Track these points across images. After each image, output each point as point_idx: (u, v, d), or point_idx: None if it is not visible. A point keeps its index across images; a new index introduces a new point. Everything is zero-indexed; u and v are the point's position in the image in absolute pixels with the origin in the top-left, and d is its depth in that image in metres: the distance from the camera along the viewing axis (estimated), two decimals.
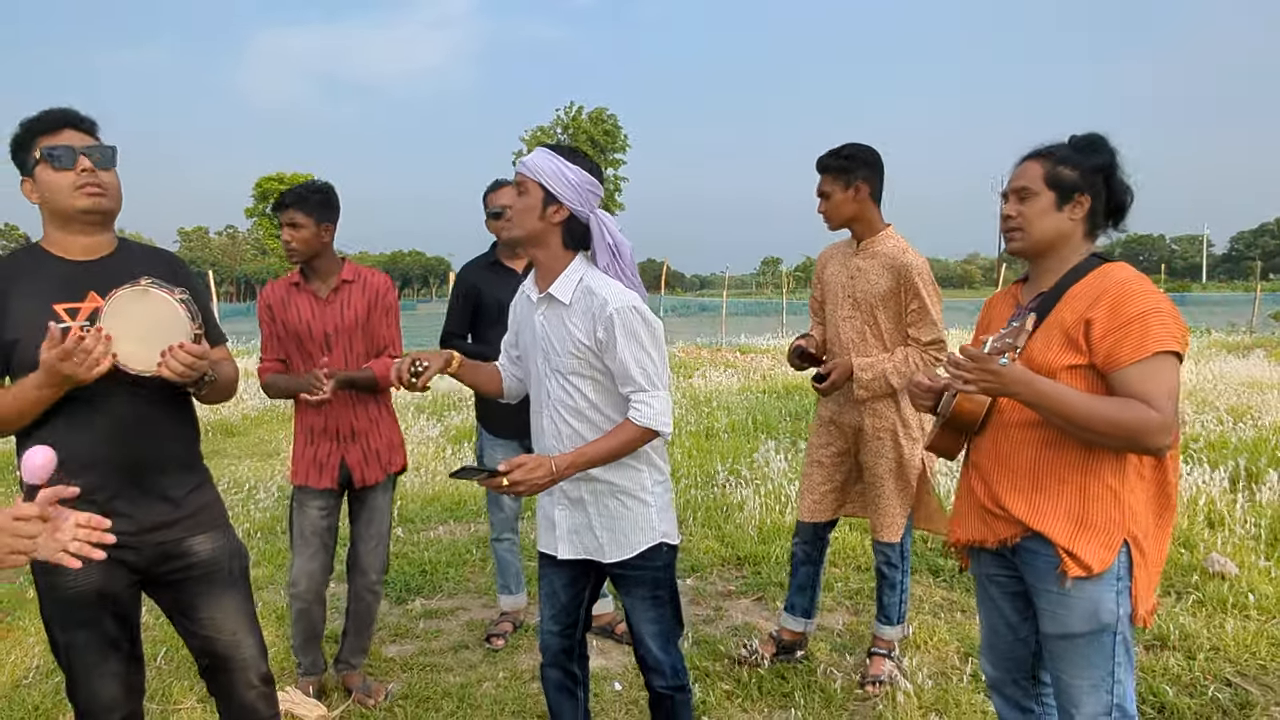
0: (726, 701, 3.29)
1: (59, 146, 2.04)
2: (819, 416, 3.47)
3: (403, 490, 6.48)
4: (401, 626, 4.07)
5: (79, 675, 2.13)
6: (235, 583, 2.28)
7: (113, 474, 2.08)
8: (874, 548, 3.46)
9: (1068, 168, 2.07)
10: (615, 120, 58.73)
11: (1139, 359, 1.89)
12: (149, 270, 2.11)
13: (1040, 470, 2.05)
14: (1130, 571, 1.99)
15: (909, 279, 3.19)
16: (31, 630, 3.98)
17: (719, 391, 11.22)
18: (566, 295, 2.27)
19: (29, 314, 2.04)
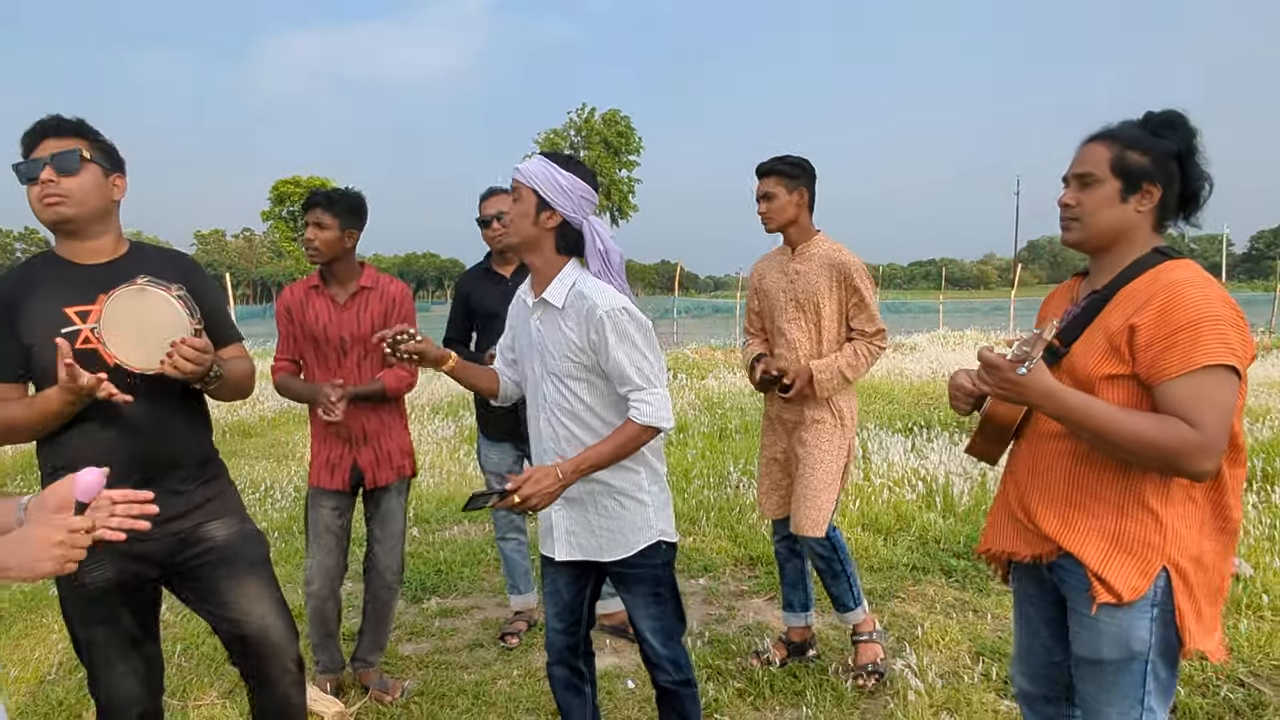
0: (738, 700, 3.31)
1: (25, 162, 2.09)
2: (766, 415, 3.58)
3: (417, 491, 6.54)
4: (417, 625, 4.12)
5: (99, 671, 2.18)
6: (255, 567, 2.31)
7: (127, 471, 2.10)
8: (806, 545, 3.43)
9: (1138, 152, 1.85)
10: (628, 122, 58.79)
11: (1185, 372, 1.70)
12: (159, 272, 2.15)
13: (1076, 485, 1.90)
14: (1171, 599, 1.81)
15: (847, 276, 3.34)
16: (55, 628, 4.05)
17: (732, 393, 11.23)
18: (559, 299, 2.31)
19: (42, 318, 2.09)
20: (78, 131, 2.14)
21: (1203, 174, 1.88)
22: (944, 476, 5.99)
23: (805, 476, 3.35)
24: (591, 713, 2.63)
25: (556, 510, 2.42)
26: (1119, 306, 1.83)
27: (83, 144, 2.12)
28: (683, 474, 6.75)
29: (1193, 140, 1.87)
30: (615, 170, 57.80)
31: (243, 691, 3.39)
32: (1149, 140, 1.86)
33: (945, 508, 5.52)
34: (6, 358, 2.10)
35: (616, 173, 57.87)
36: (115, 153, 2.23)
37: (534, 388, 2.43)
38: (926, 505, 5.59)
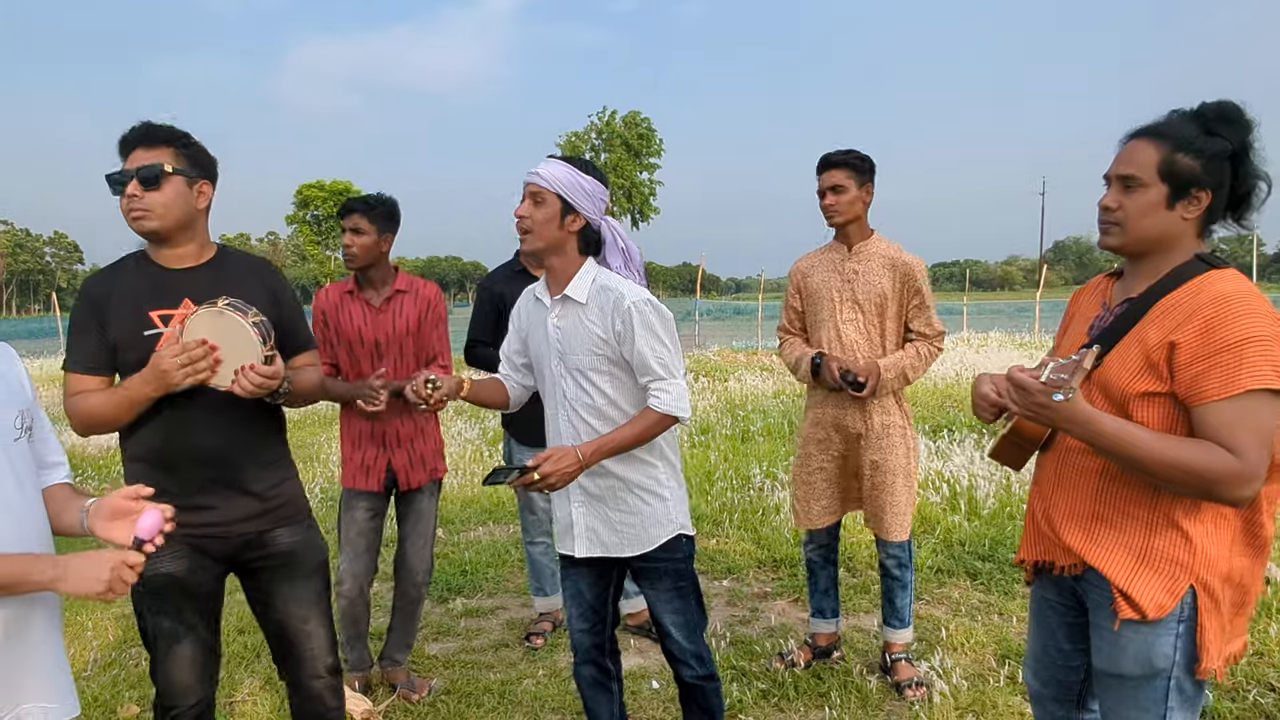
0: (762, 700, 3.32)
1: (115, 172, 2.17)
2: (817, 422, 3.43)
3: (442, 492, 6.59)
4: (443, 625, 4.16)
5: (160, 658, 2.27)
6: (310, 575, 2.39)
7: (200, 471, 2.22)
8: (882, 550, 3.44)
9: (1189, 155, 1.71)
10: (649, 124, 58.79)
11: (1228, 395, 1.60)
12: (241, 278, 2.26)
13: (1103, 501, 1.83)
14: (1195, 617, 1.74)
15: (911, 277, 3.30)
16: (89, 626, 4.13)
17: (754, 395, 11.23)
18: (582, 295, 2.36)
19: (128, 318, 2.19)
20: (167, 140, 2.19)
21: (1258, 173, 1.75)
22: (968, 479, 5.96)
23: (888, 483, 3.32)
24: (619, 710, 2.65)
25: (576, 507, 2.45)
26: (1158, 320, 1.73)
27: (169, 154, 2.18)
28: (705, 476, 6.76)
29: (1249, 136, 1.73)
30: (636, 172, 57.80)
31: (275, 687, 3.45)
32: (1202, 141, 1.72)
33: (970, 511, 5.49)
34: (94, 352, 2.19)
35: (637, 175, 57.87)
36: (203, 157, 2.26)
37: (552, 387, 2.45)
38: (951, 508, 5.57)
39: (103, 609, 4.35)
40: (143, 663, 3.75)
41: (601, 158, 56.90)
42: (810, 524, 3.48)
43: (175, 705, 2.27)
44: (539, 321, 2.46)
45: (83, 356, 2.19)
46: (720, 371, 13.98)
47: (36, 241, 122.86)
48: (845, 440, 3.39)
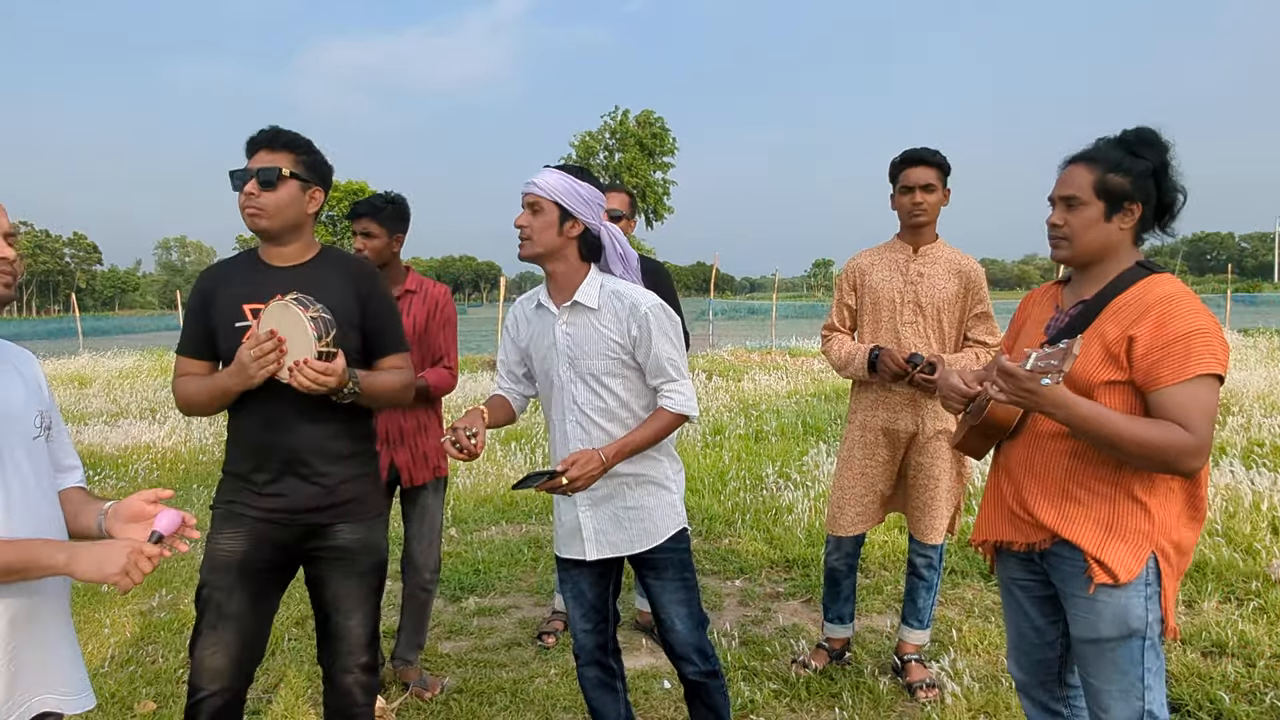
0: (774, 701, 3.32)
1: (238, 170, 2.30)
2: (865, 426, 3.36)
3: (455, 491, 6.62)
4: (456, 624, 4.18)
5: (199, 638, 2.31)
6: (363, 574, 2.44)
7: (273, 459, 2.31)
8: (914, 549, 3.43)
9: (1118, 175, 1.99)
10: (662, 123, 58.75)
11: (1180, 380, 1.86)
12: (331, 279, 2.35)
13: (1071, 480, 2.03)
14: (1159, 580, 1.98)
15: (976, 284, 3.30)
16: (105, 622, 4.17)
17: (768, 395, 11.21)
18: (594, 301, 2.40)
19: (225, 310, 2.33)
20: (289, 145, 2.33)
21: (1177, 187, 2.02)
22: (982, 480, 5.93)
23: (930, 488, 3.30)
24: (625, 710, 2.66)
25: (583, 511, 2.47)
26: (1113, 317, 1.98)
27: (289, 159, 2.31)
28: (719, 476, 6.76)
29: (1167, 156, 2.00)
30: (650, 172, 57.79)
31: (301, 682, 3.47)
32: (1128, 161, 1.99)
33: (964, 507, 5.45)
34: (199, 338, 2.37)
35: (651, 174, 57.86)
36: (322, 166, 2.40)
37: (559, 393, 2.46)
38: (965, 508, 5.53)
39: (120, 605, 4.40)
40: (160, 660, 3.79)
41: (615, 157, 56.93)
42: (839, 531, 3.42)
43: (202, 688, 2.28)
44: (544, 329, 2.47)
45: (188, 341, 2.39)
46: (734, 371, 13.96)
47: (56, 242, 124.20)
48: (892, 445, 3.35)
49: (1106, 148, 2.05)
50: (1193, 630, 3.70)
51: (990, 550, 2.30)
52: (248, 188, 2.27)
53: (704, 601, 4.37)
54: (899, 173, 3.29)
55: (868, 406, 3.37)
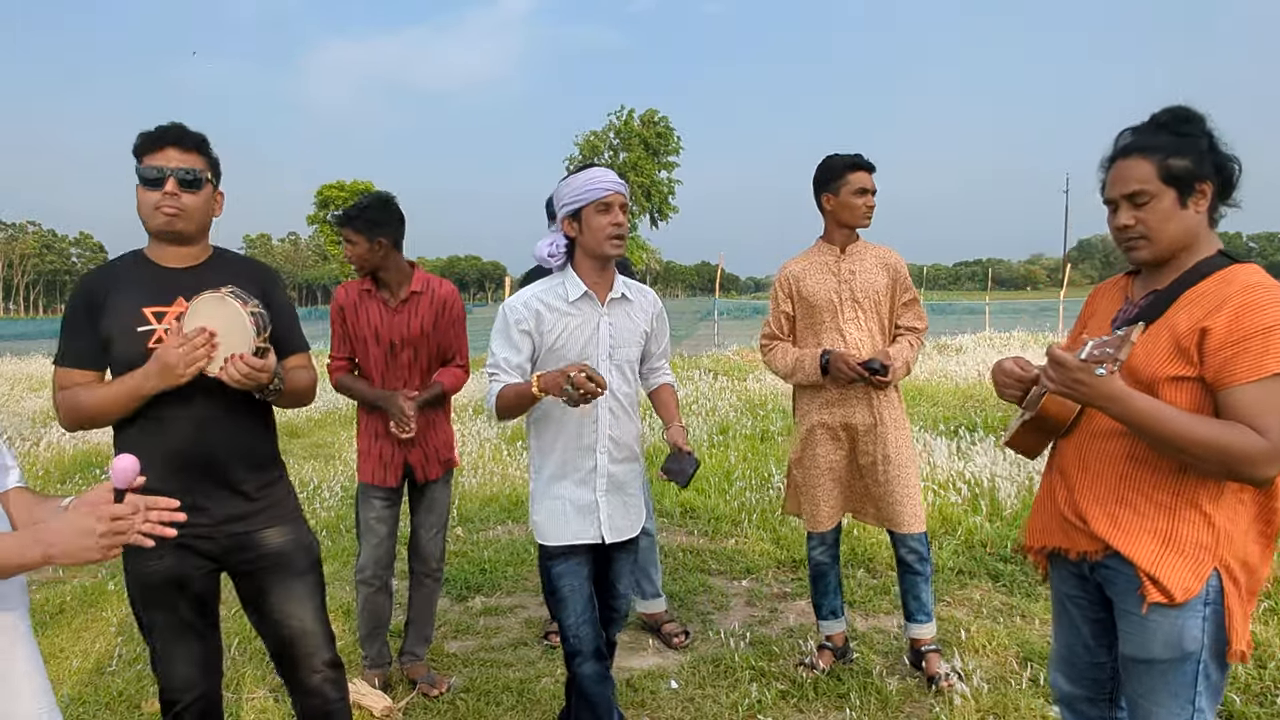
0: (781, 701, 3.30)
1: (152, 166, 2.18)
2: (822, 424, 3.40)
3: (462, 490, 6.62)
4: (462, 623, 4.17)
5: (159, 654, 2.29)
6: (303, 574, 2.39)
7: (190, 469, 2.20)
8: (903, 545, 3.40)
9: (1179, 158, 1.82)
10: (667, 122, 58.61)
11: (1255, 379, 1.69)
12: (236, 278, 2.24)
13: (1128, 485, 1.87)
14: (1222, 599, 1.79)
15: (902, 274, 3.43)
16: (113, 621, 4.18)
17: (773, 394, 11.18)
18: (631, 294, 2.66)
19: (121, 315, 2.19)
20: (198, 145, 2.24)
21: (1230, 155, 1.86)
22: (990, 479, 5.91)
23: (899, 476, 3.33)
24: (613, 690, 2.65)
25: (601, 495, 2.59)
26: (1187, 308, 1.81)
27: (200, 160, 2.23)
28: (724, 476, 6.75)
29: (1208, 128, 1.86)
30: (655, 171, 57.67)
31: None
32: (1181, 142, 1.84)
33: (991, 511, 5.44)
34: (87, 347, 2.20)
35: (656, 174, 57.75)
36: (219, 166, 2.33)
37: None
38: (972, 509, 5.52)
39: (126, 603, 4.38)
40: None
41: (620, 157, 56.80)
42: (819, 526, 3.46)
43: (179, 700, 2.28)
44: (584, 322, 2.55)
45: (75, 351, 2.21)
46: (739, 370, 13.93)
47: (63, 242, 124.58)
48: (852, 437, 3.40)
49: (1150, 135, 1.88)
50: None
51: (1043, 558, 2.14)
52: (167, 187, 2.17)
53: (711, 601, 4.37)
54: (845, 175, 3.33)
55: (822, 406, 3.42)
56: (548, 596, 2.64)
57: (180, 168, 2.19)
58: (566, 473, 2.58)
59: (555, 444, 2.58)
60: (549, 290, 2.57)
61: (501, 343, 2.57)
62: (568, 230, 2.56)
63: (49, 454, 8.20)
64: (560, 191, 2.55)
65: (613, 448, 2.59)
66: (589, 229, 2.51)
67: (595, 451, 2.58)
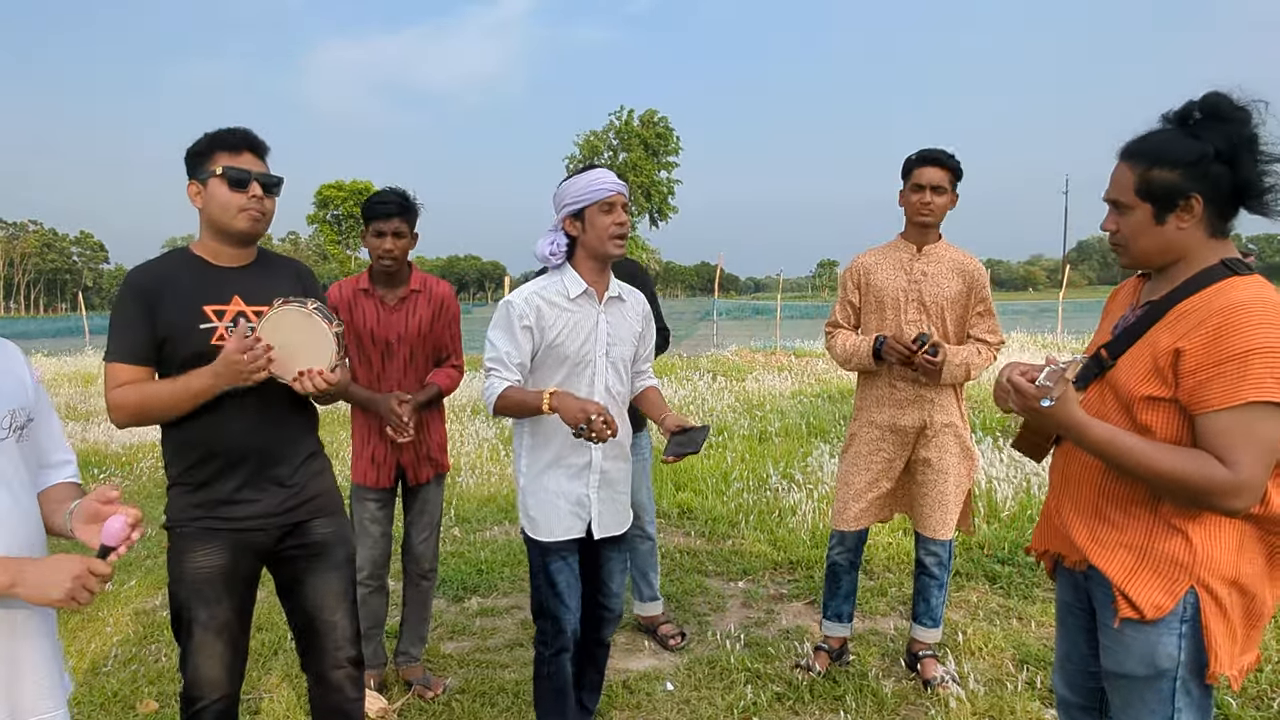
0: (777, 703, 3.30)
1: (239, 169, 2.23)
2: (871, 423, 3.39)
3: (459, 490, 6.61)
4: (458, 624, 4.17)
5: (191, 652, 2.28)
6: (340, 566, 2.45)
7: (244, 463, 2.28)
8: (924, 548, 3.41)
9: (1164, 169, 1.71)
10: (667, 122, 58.60)
11: (1228, 406, 1.61)
12: (282, 275, 2.40)
13: (1105, 499, 1.85)
14: (1199, 619, 1.74)
15: (979, 283, 3.34)
16: (109, 621, 4.17)
17: (772, 395, 11.18)
18: (624, 294, 2.71)
19: (181, 312, 2.23)
20: (265, 153, 2.33)
21: (1259, 163, 1.68)
22: (987, 481, 5.91)
23: (938, 482, 3.31)
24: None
25: (594, 490, 2.64)
26: (1171, 325, 1.73)
27: (266, 166, 2.32)
28: (722, 477, 6.74)
29: (1242, 130, 1.68)
30: (655, 171, 57.67)
31: (293, 683, 3.46)
32: (1178, 149, 1.71)
33: (990, 513, 5.43)
34: (141, 344, 2.22)
35: (656, 174, 57.73)
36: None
37: (591, 381, 2.61)
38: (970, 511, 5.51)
39: (123, 604, 4.39)
40: (163, 659, 3.78)
41: (620, 157, 56.79)
42: (844, 525, 3.43)
43: (202, 698, 2.29)
44: (583, 319, 2.59)
45: (131, 347, 2.21)
46: (738, 371, 13.93)
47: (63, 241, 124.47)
48: (899, 441, 3.36)
49: (1158, 134, 1.77)
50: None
51: (1050, 561, 2.11)
52: (252, 190, 2.24)
53: (707, 603, 4.36)
54: (912, 170, 3.30)
55: (874, 404, 3.39)
56: (544, 589, 2.65)
57: (264, 172, 2.28)
58: (560, 464, 2.61)
59: (554, 436, 2.59)
60: (548, 287, 2.59)
61: (504, 338, 2.56)
62: (569, 229, 2.58)
63: None
64: (563, 192, 2.57)
65: (608, 444, 2.58)
66: (593, 228, 2.54)
67: (590, 446, 2.60)
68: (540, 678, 2.72)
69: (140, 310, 2.21)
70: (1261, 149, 1.69)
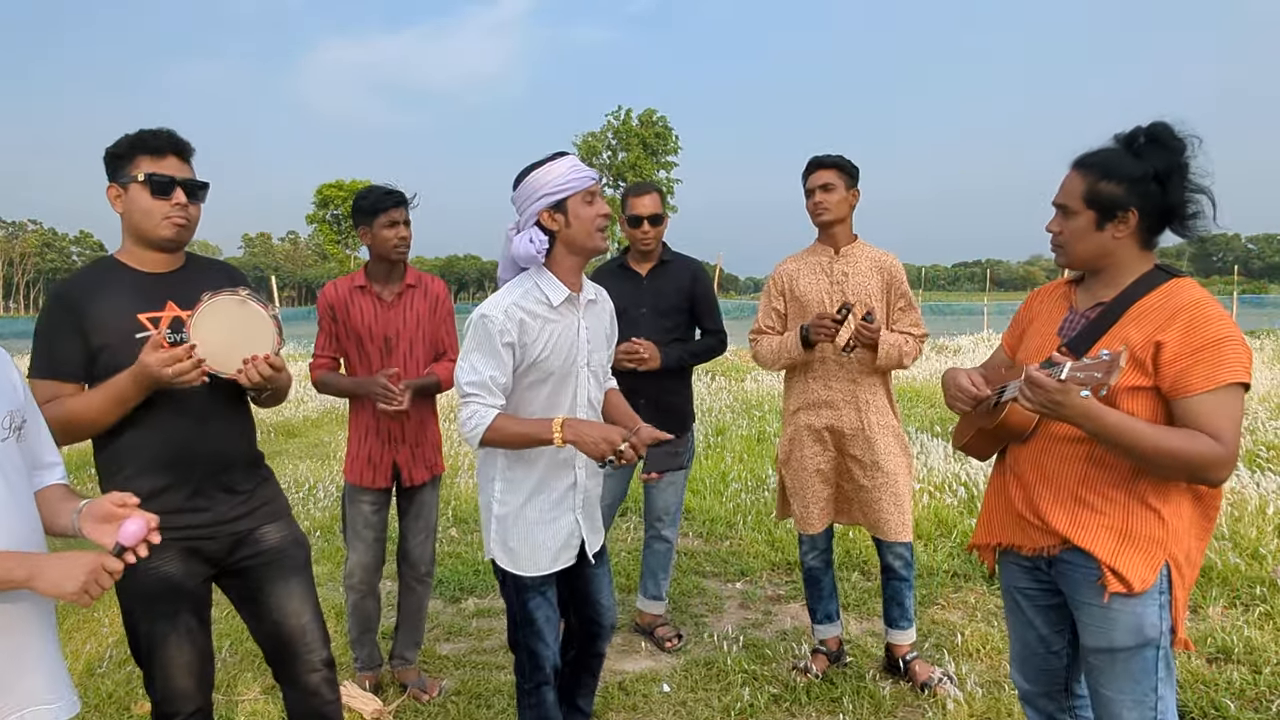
0: (774, 705, 3.29)
1: (162, 175, 2.16)
2: (808, 427, 3.40)
3: (456, 491, 6.60)
4: (455, 625, 4.16)
5: (157, 667, 2.23)
6: (299, 570, 2.40)
7: (193, 471, 2.22)
8: (888, 551, 3.39)
9: (1111, 182, 1.91)
10: (665, 121, 58.64)
11: (1210, 388, 1.81)
12: (214, 280, 2.25)
13: (1085, 486, 1.99)
14: (1170, 590, 1.93)
15: (897, 280, 3.38)
16: (105, 621, 4.16)
17: (770, 395, 11.17)
18: (597, 295, 2.51)
19: (114, 322, 2.15)
20: (190, 155, 2.26)
21: (1186, 190, 1.90)
22: (985, 481, 5.89)
23: (889, 483, 3.31)
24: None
25: (579, 513, 2.48)
26: (1137, 321, 1.92)
27: (191, 170, 2.24)
28: (720, 477, 6.73)
29: (1177, 158, 1.89)
30: (654, 171, 57.69)
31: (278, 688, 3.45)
32: (1124, 167, 1.91)
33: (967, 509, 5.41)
34: (71, 358, 2.14)
35: (655, 173, 57.75)
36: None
37: (571, 391, 2.41)
38: (968, 511, 5.51)
39: (118, 606, 4.37)
40: None
41: (619, 156, 56.82)
42: (810, 528, 3.45)
43: (177, 713, 2.26)
44: (566, 327, 2.37)
45: (60, 362, 2.13)
46: (737, 371, 13.92)
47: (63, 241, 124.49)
48: (838, 441, 3.39)
49: (1108, 150, 1.97)
50: (1198, 636, 3.66)
51: (991, 555, 2.26)
52: (176, 197, 2.16)
53: (704, 604, 4.35)
54: (805, 179, 3.37)
55: (808, 408, 3.42)
56: (521, 626, 2.46)
57: (189, 178, 2.21)
58: (544, 491, 2.41)
59: (538, 460, 2.39)
60: (526, 295, 2.33)
61: (485, 360, 2.27)
62: (548, 223, 2.31)
63: None
64: (535, 182, 2.29)
65: (588, 461, 2.44)
66: (578, 220, 2.30)
67: (574, 467, 2.43)
68: (522, 708, 2.52)
69: (68, 324, 2.12)
70: (1189, 178, 1.90)
